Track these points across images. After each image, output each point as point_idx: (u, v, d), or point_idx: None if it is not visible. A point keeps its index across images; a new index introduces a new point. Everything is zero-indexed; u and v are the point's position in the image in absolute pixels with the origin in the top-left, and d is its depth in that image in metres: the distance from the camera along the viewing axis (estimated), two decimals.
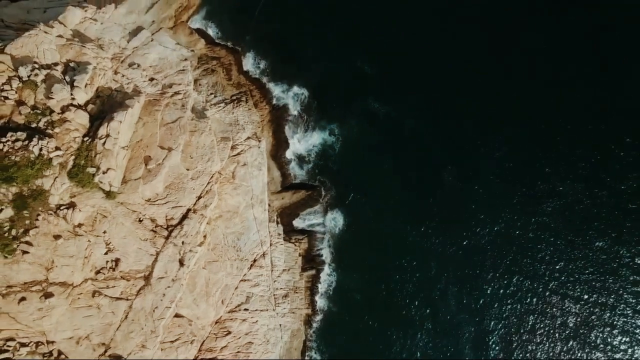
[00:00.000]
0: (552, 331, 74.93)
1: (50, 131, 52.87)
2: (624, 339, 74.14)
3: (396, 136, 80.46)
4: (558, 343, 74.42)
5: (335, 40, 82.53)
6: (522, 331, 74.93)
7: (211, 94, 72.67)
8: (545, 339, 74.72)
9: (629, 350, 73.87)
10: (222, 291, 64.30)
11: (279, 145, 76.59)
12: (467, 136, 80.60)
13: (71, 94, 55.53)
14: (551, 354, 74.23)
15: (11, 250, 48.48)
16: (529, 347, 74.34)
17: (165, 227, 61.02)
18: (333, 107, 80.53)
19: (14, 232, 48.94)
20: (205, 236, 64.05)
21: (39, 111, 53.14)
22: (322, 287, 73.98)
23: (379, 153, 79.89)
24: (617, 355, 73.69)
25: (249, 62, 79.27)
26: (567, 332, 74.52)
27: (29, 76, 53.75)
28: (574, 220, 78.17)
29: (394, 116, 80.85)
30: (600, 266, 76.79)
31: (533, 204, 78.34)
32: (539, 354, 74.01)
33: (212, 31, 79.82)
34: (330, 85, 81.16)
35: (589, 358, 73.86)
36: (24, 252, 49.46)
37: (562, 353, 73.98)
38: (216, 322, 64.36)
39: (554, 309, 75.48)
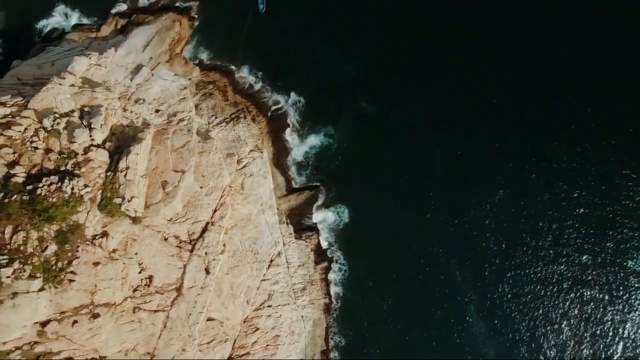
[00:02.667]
0: (549, 295, 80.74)
1: (77, 171, 58.10)
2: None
3: (387, 130, 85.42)
4: (557, 307, 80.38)
5: (320, 48, 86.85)
6: (522, 296, 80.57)
7: (212, 115, 77.60)
8: (545, 303, 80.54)
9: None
10: (245, 292, 70.16)
11: (280, 152, 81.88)
12: (452, 121, 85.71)
13: (90, 136, 60.77)
14: (551, 319, 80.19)
15: (60, 280, 53.78)
16: (530, 312, 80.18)
17: (188, 241, 66.72)
18: (325, 110, 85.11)
19: (59, 264, 54.15)
20: (224, 245, 69.46)
21: (65, 155, 58.39)
22: (335, 277, 79.50)
23: (374, 147, 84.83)
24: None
25: (242, 80, 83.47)
26: (563, 294, 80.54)
27: (52, 126, 58.93)
28: (559, 190, 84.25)
29: (383, 112, 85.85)
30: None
31: (522, 180, 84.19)
32: (539, 320, 79.98)
33: (205, 56, 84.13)
34: (321, 91, 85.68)
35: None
36: (71, 281, 54.57)
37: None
38: (244, 321, 70.23)
39: (554, 275, 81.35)
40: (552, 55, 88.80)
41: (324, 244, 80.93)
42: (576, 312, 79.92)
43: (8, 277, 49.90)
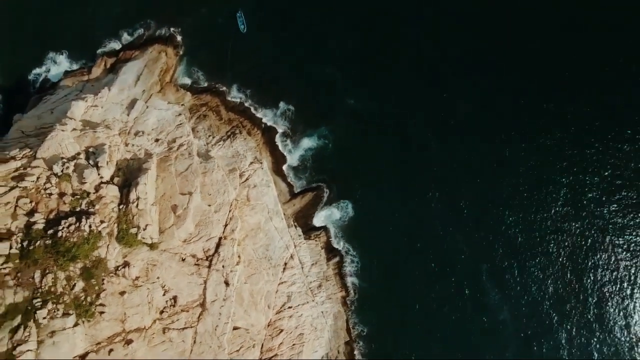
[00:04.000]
0: (553, 263, 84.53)
1: (92, 209, 60.89)
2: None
3: (377, 122, 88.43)
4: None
5: (301, 57, 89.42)
6: (527, 262, 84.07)
7: (209, 136, 79.99)
8: (549, 271, 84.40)
9: None
10: (265, 297, 73.01)
11: (278, 160, 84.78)
12: (435, 106, 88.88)
13: (99, 174, 63.61)
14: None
15: (91, 314, 56.76)
16: (530, 270, 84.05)
17: (205, 258, 69.55)
18: (315, 113, 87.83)
19: (89, 299, 57.14)
20: (239, 256, 72.36)
21: (78, 196, 61.25)
22: (348, 270, 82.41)
23: (367, 140, 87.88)
24: None
25: (233, 98, 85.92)
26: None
27: (62, 171, 61.72)
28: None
29: (370, 106, 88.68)
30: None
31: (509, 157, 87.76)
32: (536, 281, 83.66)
33: (194, 80, 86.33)
34: (308, 96, 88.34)
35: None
36: (101, 313, 57.64)
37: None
38: (268, 325, 73.17)
39: (546, 235, 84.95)
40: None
41: (333, 240, 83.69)
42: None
43: (44, 317, 53.11)
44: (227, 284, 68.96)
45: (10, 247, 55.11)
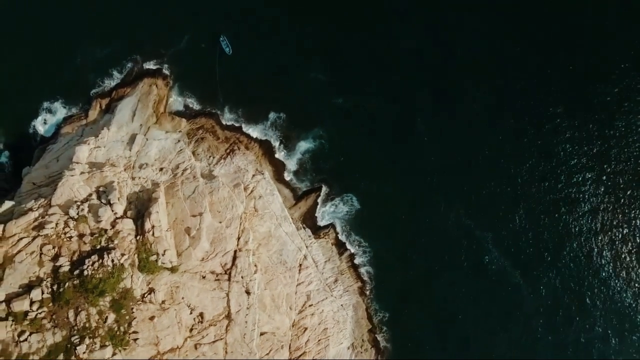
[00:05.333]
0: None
1: (112, 245, 63.69)
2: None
3: (367, 116, 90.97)
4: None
5: (286, 66, 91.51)
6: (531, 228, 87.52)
7: (210, 156, 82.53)
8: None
9: None
10: (286, 300, 76.04)
11: (278, 168, 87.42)
12: (418, 95, 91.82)
13: (112, 211, 66.38)
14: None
15: (126, 342, 59.75)
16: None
17: (224, 272, 72.56)
18: (307, 117, 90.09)
19: (122, 328, 60.10)
20: (256, 265, 75.21)
21: (97, 235, 64.06)
22: (361, 260, 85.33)
23: (361, 134, 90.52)
24: None
25: (227, 117, 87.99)
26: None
27: (77, 213, 64.53)
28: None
29: (359, 102, 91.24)
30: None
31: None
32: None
33: (188, 106, 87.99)
34: (298, 101, 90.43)
35: None
36: (135, 340, 60.60)
37: None
38: (293, 325, 76.39)
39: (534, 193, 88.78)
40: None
41: (342, 234, 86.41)
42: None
43: (84, 352, 56.27)
44: (248, 293, 71.95)
45: (42, 293, 58.15)
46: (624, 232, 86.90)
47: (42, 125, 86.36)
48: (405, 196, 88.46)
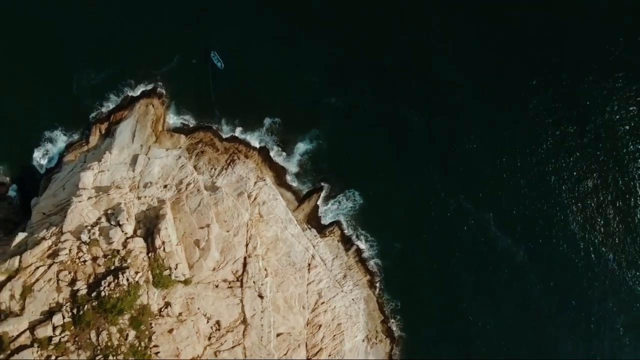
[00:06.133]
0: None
1: (125, 264, 65.32)
2: None
3: (360, 113, 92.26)
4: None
5: (277, 73, 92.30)
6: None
7: (211, 169, 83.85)
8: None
9: None
10: (298, 300, 77.77)
11: (279, 172, 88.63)
12: (412, 92, 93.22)
13: (122, 231, 67.96)
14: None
15: (148, 357, 61.47)
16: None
17: (236, 279, 74.24)
18: (302, 119, 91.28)
19: (143, 344, 61.80)
20: (266, 269, 76.93)
21: (110, 256, 65.71)
22: (368, 254, 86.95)
23: (357, 131, 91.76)
24: None
25: (224, 128, 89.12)
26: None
27: (89, 237, 66.13)
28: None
29: (352, 100, 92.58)
30: None
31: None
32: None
33: (185, 122, 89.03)
34: (292, 105, 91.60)
35: None
36: (156, 353, 62.35)
37: None
38: (307, 324, 78.11)
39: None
40: None
41: (348, 230, 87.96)
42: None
43: None
44: (261, 297, 73.68)
45: (63, 317, 59.91)
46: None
47: (44, 155, 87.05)
48: (405, 187, 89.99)
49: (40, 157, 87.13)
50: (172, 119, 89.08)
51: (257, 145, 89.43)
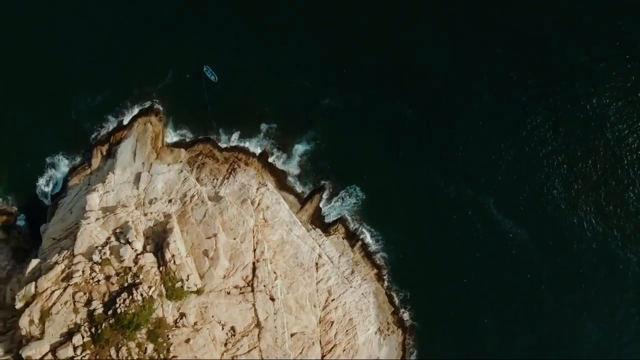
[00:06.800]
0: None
1: (138, 280, 66.63)
2: None
3: (354, 111, 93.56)
4: None
5: (270, 79, 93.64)
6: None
7: (213, 179, 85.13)
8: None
9: None
10: (309, 299, 79.13)
11: (279, 176, 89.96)
12: (398, 85, 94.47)
13: (132, 248, 69.26)
14: None
15: None
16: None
17: (247, 285, 75.58)
18: (298, 122, 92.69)
19: (162, 355, 63.36)
20: (275, 272, 78.13)
21: (122, 273, 67.07)
22: (373, 248, 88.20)
23: (352, 129, 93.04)
24: None
25: (222, 139, 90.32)
26: None
27: (100, 257, 67.44)
28: None
29: (346, 99, 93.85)
30: None
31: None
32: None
33: (184, 136, 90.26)
34: (287, 109, 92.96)
35: None
36: None
37: None
38: (320, 322, 79.48)
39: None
40: None
41: (353, 225, 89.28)
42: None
43: None
44: (272, 299, 74.99)
45: (83, 337, 61.26)
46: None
47: (49, 182, 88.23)
48: (405, 179, 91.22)
49: (44, 184, 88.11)
50: (171, 135, 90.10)
51: (256, 152, 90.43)
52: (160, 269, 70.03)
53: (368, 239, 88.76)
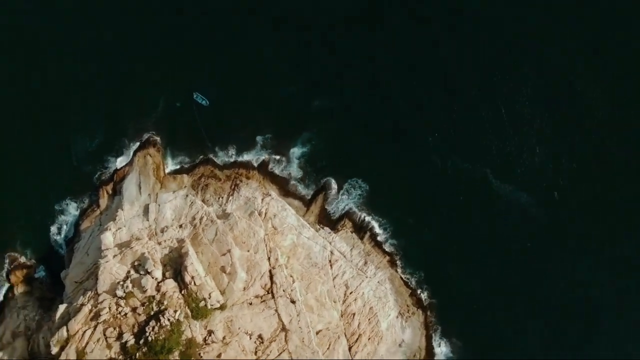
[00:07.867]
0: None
1: (163, 306, 69.10)
2: None
3: (345, 109, 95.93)
4: None
5: (261, 93, 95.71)
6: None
7: (219, 198, 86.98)
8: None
9: None
10: (328, 296, 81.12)
11: (281, 183, 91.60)
12: (392, 82, 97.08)
13: (153, 278, 71.78)
14: None
15: None
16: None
17: (267, 292, 77.85)
18: (292, 127, 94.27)
19: None
20: (291, 275, 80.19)
21: (147, 303, 69.65)
22: (382, 237, 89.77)
23: (346, 126, 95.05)
24: None
25: (220, 158, 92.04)
26: None
27: (124, 292, 70.00)
28: None
29: (334, 99, 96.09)
30: None
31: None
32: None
33: (184, 162, 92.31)
34: (280, 118, 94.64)
35: None
36: None
37: None
38: (342, 316, 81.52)
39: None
40: None
41: (358, 218, 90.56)
42: None
43: None
44: (293, 302, 77.08)
45: None
46: None
47: (61, 229, 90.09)
48: (406, 166, 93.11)
49: (56, 232, 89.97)
50: (171, 163, 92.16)
51: (255, 164, 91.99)
52: (182, 292, 72.36)
53: (376, 228, 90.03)
